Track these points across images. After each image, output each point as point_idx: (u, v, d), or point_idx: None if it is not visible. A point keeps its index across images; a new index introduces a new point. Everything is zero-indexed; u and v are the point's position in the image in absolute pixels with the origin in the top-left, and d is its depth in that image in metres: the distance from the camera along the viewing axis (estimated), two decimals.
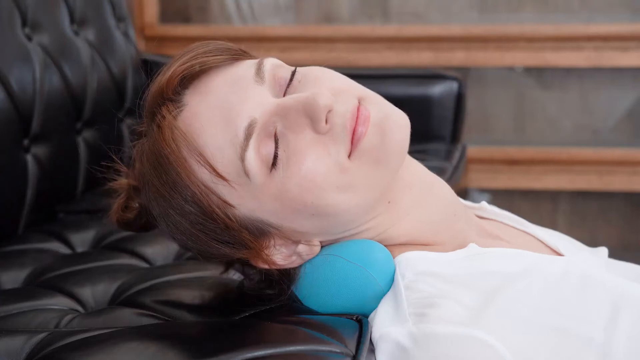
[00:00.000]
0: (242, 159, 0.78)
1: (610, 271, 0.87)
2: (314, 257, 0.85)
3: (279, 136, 0.79)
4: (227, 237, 0.81)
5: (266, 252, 0.83)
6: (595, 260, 0.92)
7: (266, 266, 0.84)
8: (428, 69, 1.84)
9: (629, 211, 2.34)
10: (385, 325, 0.78)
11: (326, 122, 0.78)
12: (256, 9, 2.44)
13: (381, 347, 0.77)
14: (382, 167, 0.80)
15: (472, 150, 2.18)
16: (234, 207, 0.80)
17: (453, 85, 1.74)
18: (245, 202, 0.80)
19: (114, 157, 0.90)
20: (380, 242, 0.85)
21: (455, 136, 1.76)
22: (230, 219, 0.80)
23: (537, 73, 2.31)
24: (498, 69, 2.32)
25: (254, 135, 0.78)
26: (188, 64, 0.82)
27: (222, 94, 0.81)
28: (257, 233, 0.82)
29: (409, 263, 0.82)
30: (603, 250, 0.98)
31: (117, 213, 0.95)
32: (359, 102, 0.81)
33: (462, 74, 1.81)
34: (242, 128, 0.78)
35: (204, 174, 0.80)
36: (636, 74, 2.25)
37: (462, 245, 0.85)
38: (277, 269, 0.85)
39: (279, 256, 0.84)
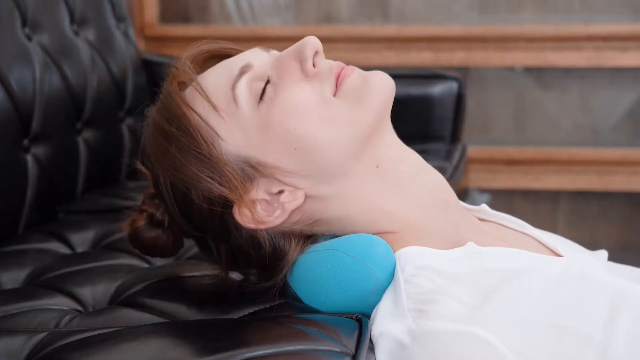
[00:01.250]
0: (233, 88, 0.86)
1: (610, 273, 0.87)
2: (313, 253, 0.85)
3: (270, 81, 0.86)
4: (212, 169, 0.85)
5: (250, 198, 0.85)
6: (594, 261, 0.92)
7: (251, 223, 0.85)
8: (428, 69, 1.84)
9: (629, 211, 2.34)
10: (385, 321, 0.78)
11: (314, 65, 0.85)
12: (256, 9, 2.44)
13: (381, 344, 0.77)
14: (364, 105, 0.85)
15: (472, 150, 2.18)
16: (222, 139, 0.85)
17: (453, 85, 1.74)
18: (233, 135, 0.85)
19: (131, 159, 0.95)
20: (372, 218, 0.86)
21: (455, 136, 1.76)
22: (217, 151, 0.85)
23: (537, 73, 2.31)
24: (498, 69, 2.32)
25: (248, 74, 0.86)
26: (207, 47, 0.93)
27: (229, 59, 0.90)
28: (241, 175, 0.85)
29: (409, 257, 0.82)
30: (603, 253, 0.98)
31: (129, 223, 0.97)
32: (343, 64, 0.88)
33: (462, 74, 1.81)
34: (237, 67, 0.87)
35: (200, 107, 0.86)
36: (636, 74, 2.25)
37: (459, 243, 0.85)
38: (269, 242, 0.86)
39: (263, 211, 0.86)
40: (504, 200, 2.35)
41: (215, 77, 0.88)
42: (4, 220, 1.31)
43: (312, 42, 0.85)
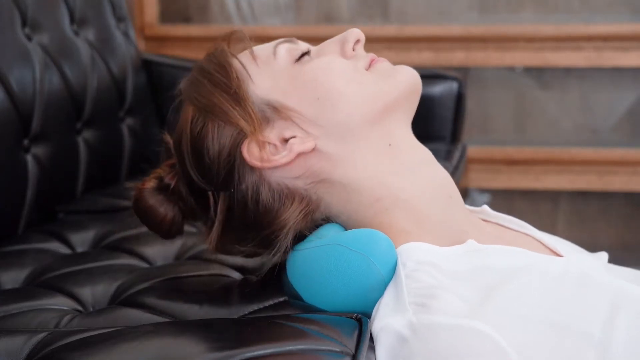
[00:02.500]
0: (275, 45, 0.93)
1: (610, 274, 0.87)
2: (314, 249, 0.85)
3: (310, 53, 0.93)
4: (236, 102, 0.89)
5: (262, 135, 0.89)
6: (594, 262, 0.93)
7: (256, 160, 0.88)
8: (428, 69, 1.84)
9: (629, 211, 2.34)
10: (386, 316, 0.78)
11: (353, 49, 0.92)
12: (256, 9, 2.44)
13: (382, 338, 0.77)
14: (390, 81, 0.90)
15: (472, 150, 2.18)
16: (252, 81, 0.91)
17: (453, 85, 1.74)
18: (263, 81, 0.91)
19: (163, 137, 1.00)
20: (378, 193, 0.87)
21: (455, 136, 1.76)
22: (244, 89, 0.90)
23: (537, 73, 2.31)
24: (498, 69, 2.32)
25: (291, 44, 0.93)
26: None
27: None
28: (260, 115, 0.90)
29: (410, 253, 0.82)
30: (603, 255, 0.98)
31: (138, 185, 1.00)
32: None
33: (462, 74, 1.81)
34: (283, 39, 0.94)
35: (242, 56, 0.93)
36: (636, 74, 2.25)
37: (461, 241, 0.86)
38: (268, 182, 0.89)
39: (271, 151, 0.89)
40: (504, 200, 2.35)
41: (262, 45, 0.95)
42: (4, 220, 1.31)
43: (356, 31, 0.93)
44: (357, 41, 0.94)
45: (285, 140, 0.89)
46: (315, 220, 0.90)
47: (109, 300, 1.00)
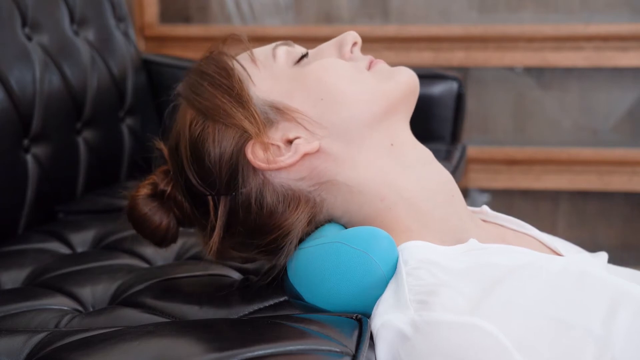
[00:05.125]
0: (274, 48, 0.93)
1: (610, 273, 0.87)
2: (315, 247, 0.85)
3: (308, 55, 0.93)
4: (238, 104, 0.89)
5: (267, 136, 0.88)
6: (594, 261, 0.93)
7: (262, 162, 0.87)
8: (428, 69, 1.84)
9: (629, 211, 2.34)
10: (387, 313, 0.78)
11: (351, 52, 0.93)
12: (256, 9, 2.44)
13: (382, 335, 0.77)
14: (391, 82, 0.91)
15: (472, 150, 2.18)
16: (253, 83, 0.90)
17: (453, 85, 1.74)
18: (264, 82, 0.90)
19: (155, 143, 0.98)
20: (382, 191, 0.87)
21: (455, 136, 1.76)
22: (246, 91, 0.90)
23: (537, 73, 2.31)
24: (498, 69, 2.32)
25: (289, 47, 0.93)
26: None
27: None
28: (263, 118, 0.89)
29: (412, 251, 0.82)
30: (603, 255, 0.98)
31: (131, 193, 0.98)
32: None
33: (462, 74, 1.81)
34: (280, 42, 0.94)
35: (241, 58, 0.93)
36: (636, 74, 2.25)
37: (462, 240, 0.86)
38: (272, 185, 0.88)
39: (276, 152, 0.88)
40: (504, 200, 2.35)
41: (260, 48, 0.95)
42: (4, 220, 1.31)
43: (353, 33, 0.94)
44: (355, 44, 0.94)
45: (290, 142, 0.88)
46: (318, 223, 0.90)
47: (109, 300, 1.00)
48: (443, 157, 1.63)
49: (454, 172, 1.59)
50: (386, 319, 0.78)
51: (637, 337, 0.74)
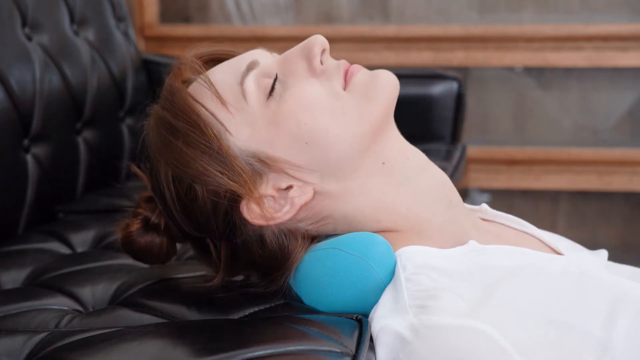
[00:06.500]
0: (241, 83, 0.86)
1: (610, 272, 0.87)
2: (313, 252, 0.85)
3: (278, 78, 0.86)
4: (221, 164, 0.84)
5: (258, 193, 0.84)
6: (594, 260, 0.93)
7: (259, 219, 0.84)
8: (428, 69, 1.84)
9: (629, 211, 2.34)
10: (385, 317, 0.78)
11: (321, 63, 0.86)
12: (256, 9, 2.44)
13: (381, 338, 0.77)
14: (373, 101, 0.85)
15: (472, 150, 2.18)
16: (230, 134, 0.85)
17: (453, 85, 1.74)
18: (242, 130, 0.85)
19: (127, 162, 0.93)
20: (377, 215, 0.86)
21: (455, 136, 1.76)
22: (226, 145, 0.85)
23: (537, 73, 2.31)
24: (498, 69, 2.32)
25: (255, 70, 0.87)
26: (208, 49, 0.94)
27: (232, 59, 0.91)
28: (250, 171, 0.85)
29: (410, 256, 0.82)
30: (603, 253, 0.98)
31: (122, 227, 0.95)
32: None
33: (462, 74, 1.81)
34: (244, 64, 0.87)
35: (208, 102, 0.86)
36: (636, 74, 2.25)
37: (461, 242, 0.86)
38: (274, 239, 0.85)
39: (271, 207, 0.85)
40: (504, 200, 2.35)
41: (222, 73, 0.88)
42: (4, 220, 1.31)
43: (319, 40, 0.87)
44: (323, 51, 0.87)
45: (282, 189, 0.86)
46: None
47: (109, 300, 1.00)
48: (443, 157, 1.63)
49: (454, 172, 1.59)
50: (385, 323, 0.77)
51: (637, 338, 0.74)
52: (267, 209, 0.85)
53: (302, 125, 0.84)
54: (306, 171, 0.85)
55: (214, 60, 0.94)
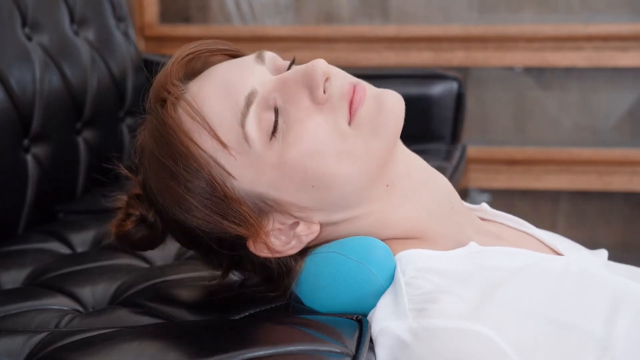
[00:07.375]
0: (243, 124, 0.81)
1: (610, 271, 0.87)
2: (313, 256, 0.85)
3: (279, 108, 0.81)
4: (226, 209, 0.82)
5: (265, 232, 0.83)
6: (594, 259, 0.93)
7: (266, 253, 0.84)
8: (428, 69, 1.84)
9: (629, 211, 2.34)
10: (385, 319, 0.78)
11: (324, 91, 0.81)
12: (256, 9, 2.44)
13: (381, 341, 0.77)
14: (380, 136, 0.82)
15: (472, 150, 2.18)
16: (234, 177, 0.82)
17: (453, 85, 1.74)
18: (245, 173, 0.82)
19: (115, 162, 0.92)
20: (379, 231, 0.85)
21: (455, 136, 1.76)
22: (230, 190, 0.81)
23: (537, 73, 2.31)
24: (498, 69, 2.32)
25: (254, 104, 0.81)
26: (194, 50, 0.86)
27: (224, 72, 0.84)
28: (256, 211, 0.83)
29: (410, 260, 0.82)
30: (603, 252, 0.98)
31: (116, 225, 0.95)
32: (354, 84, 0.84)
33: (462, 74, 1.81)
34: (242, 96, 0.81)
35: (206, 142, 0.82)
36: (636, 74, 2.25)
37: (462, 244, 0.86)
38: (276, 260, 0.85)
39: (278, 242, 0.84)
40: (504, 200, 2.35)
41: (218, 106, 0.82)
42: (4, 220, 1.31)
43: (321, 68, 0.81)
44: (327, 79, 0.82)
45: (289, 224, 0.85)
46: None
47: (109, 300, 1.00)
48: (443, 157, 1.63)
49: (454, 172, 1.59)
50: (384, 325, 0.77)
51: (637, 338, 0.74)
52: (273, 243, 0.84)
53: (309, 171, 0.81)
54: (313, 211, 0.84)
55: (199, 59, 0.89)
